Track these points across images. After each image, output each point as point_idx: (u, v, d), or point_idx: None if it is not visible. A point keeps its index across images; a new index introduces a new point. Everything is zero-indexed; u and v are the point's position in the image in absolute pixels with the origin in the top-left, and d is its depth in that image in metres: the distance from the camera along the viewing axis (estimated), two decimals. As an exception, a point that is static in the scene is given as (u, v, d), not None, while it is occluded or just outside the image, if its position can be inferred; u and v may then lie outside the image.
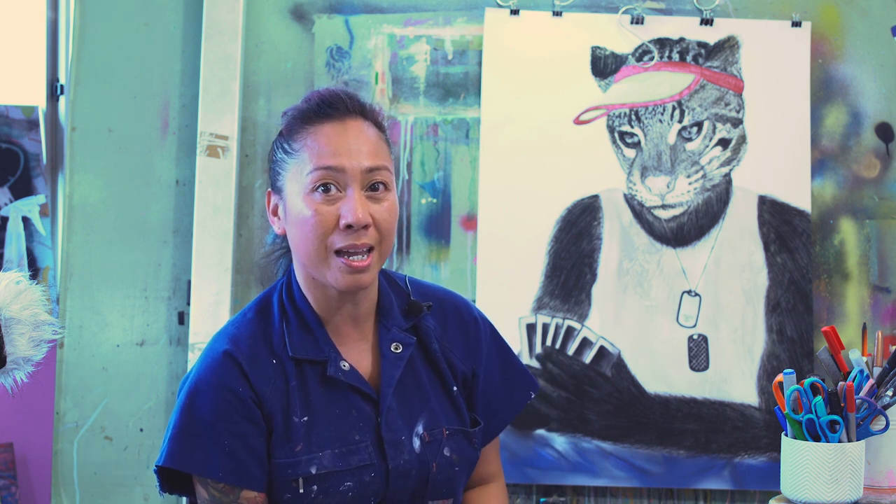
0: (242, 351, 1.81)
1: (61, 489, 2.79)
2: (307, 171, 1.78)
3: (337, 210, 1.77)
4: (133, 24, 2.84)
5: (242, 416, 1.78)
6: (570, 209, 2.80)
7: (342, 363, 1.84)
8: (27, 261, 2.94)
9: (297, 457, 1.79)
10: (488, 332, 2.00)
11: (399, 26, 2.84)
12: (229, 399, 1.78)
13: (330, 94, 1.84)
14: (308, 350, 1.83)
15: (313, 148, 1.79)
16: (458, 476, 1.90)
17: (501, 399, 1.98)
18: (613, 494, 2.80)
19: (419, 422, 1.87)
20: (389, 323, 1.89)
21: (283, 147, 1.84)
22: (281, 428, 1.80)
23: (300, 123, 1.82)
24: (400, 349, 1.88)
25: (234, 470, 1.77)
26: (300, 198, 1.79)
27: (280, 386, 1.81)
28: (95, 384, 2.81)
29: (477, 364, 1.96)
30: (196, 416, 1.78)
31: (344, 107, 1.82)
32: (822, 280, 2.83)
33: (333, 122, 1.81)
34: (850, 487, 1.92)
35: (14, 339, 1.74)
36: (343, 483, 1.80)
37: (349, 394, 1.84)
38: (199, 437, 1.77)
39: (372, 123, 1.84)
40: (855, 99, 2.84)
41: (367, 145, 1.80)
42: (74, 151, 2.83)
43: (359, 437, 1.82)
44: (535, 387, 2.03)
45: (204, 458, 1.77)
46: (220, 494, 1.79)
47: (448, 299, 1.99)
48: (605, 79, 2.82)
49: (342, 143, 1.79)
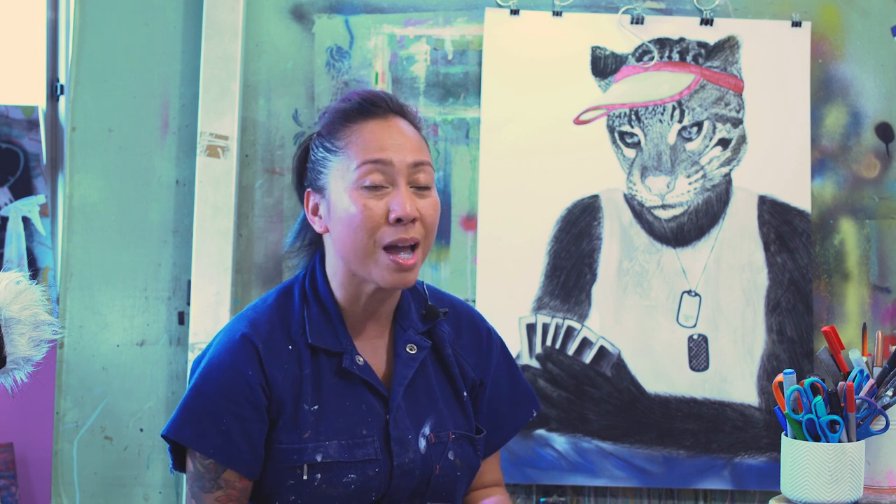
0: (260, 335, 1.83)
1: (61, 489, 2.79)
2: (354, 166, 1.80)
3: (385, 204, 1.79)
4: (133, 24, 2.84)
5: (247, 400, 1.80)
6: (570, 209, 2.80)
7: (357, 357, 1.86)
8: (27, 261, 2.94)
9: (304, 443, 1.81)
10: (499, 346, 2.03)
11: (399, 26, 2.84)
12: (238, 381, 1.80)
13: (371, 93, 1.88)
14: (326, 340, 1.85)
15: (359, 143, 1.81)
16: (459, 481, 1.91)
17: (506, 413, 2.01)
18: (613, 494, 2.80)
19: (426, 423, 1.88)
20: (406, 324, 1.92)
21: (324, 146, 1.85)
22: (290, 413, 1.82)
23: (343, 121, 1.85)
24: (414, 350, 1.90)
25: (224, 449, 1.80)
26: (346, 194, 1.80)
27: (293, 372, 1.83)
28: (95, 384, 2.81)
29: (486, 374, 1.98)
30: (204, 393, 1.81)
31: (386, 105, 1.85)
32: (822, 280, 2.83)
33: (377, 120, 1.84)
34: (850, 487, 1.92)
35: (14, 339, 1.75)
36: (347, 475, 1.81)
37: (361, 388, 1.86)
38: (202, 412, 1.81)
39: (411, 123, 1.88)
40: (855, 99, 2.84)
41: (411, 142, 1.84)
42: (74, 151, 2.83)
43: (366, 431, 1.84)
44: (537, 406, 2.06)
45: (200, 432, 1.80)
46: (204, 470, 1.82)
47: (464, 308, 2.02)
48: (605, 79, 2.82)
49: (388, 137, 1.82)
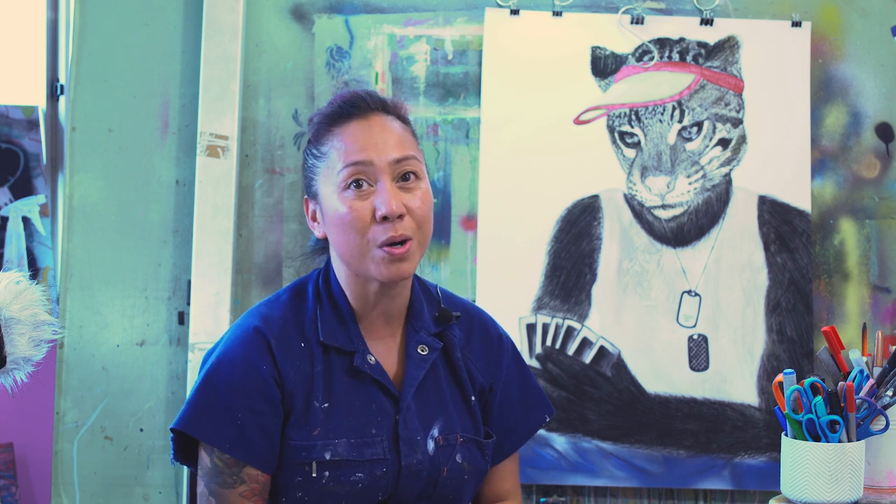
0: (273, 330, 1.84)
1: (61, 489, 2.79)
2: (337, 170, 1.82)
3: (371, 204, 1.80)
4: (133, 24, 2.84)
5: (261, 394, 1.81)
6: (570, 209, 2.81)
7: (369, 356, 1.87)
8: (27, 261, 2.94)
9: (313, 440, 1.82)
10: (510, 351, 2.03)
11: (399, 26, 2.84)
12: (252, 375, 1.81)
13: (351, 94, 1.89)
14: (338, 338, 1.86)
15: (340, 147, 1.83)
16: (466, 484, 1.91)
17: (518, 418, 2.01)
18: (613, 494, 2.80)
19: (435, 425, 1.89)
20: (418, 325, 1.92)
21: (312, 153, 1.88)
22: (301, 410, 1.83)
23: (326, 127, 1.87)
24: (426, 352, 1.90)
25: (242, 444, 1.80)
26: (335, 198, 1.82)
27: (305, 369, 1.84)
28: (95, 384, 2.81)
29: (496, 379, 1.98)
30: (216, 386, 1.81)
31: (365, 105, 1.86)
32: (822, 280, 2.83)
33: (358, 121, 1.85)
34: (850, 487, 1.92)
35: (14, 339, 1.75)
36: (354, 473, 1.82)
37: (371, 387, 1.86)
38: (215, 406, 1.80)
39: (395, 117, 1.88)
40: (855, 99, 2.84)
41: (393, 138, 1.84)
42: (74, 151, 2.83)
43: (375, 430, 1.84)
44: (550, 410, 2.05)
45: (215, 427, 1.80)
46: (223, 465, 1.81)
47: (476, 313, 2.02)
48: (605, 79, 2.82)
49: (367, 138, 1.83)
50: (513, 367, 2.01)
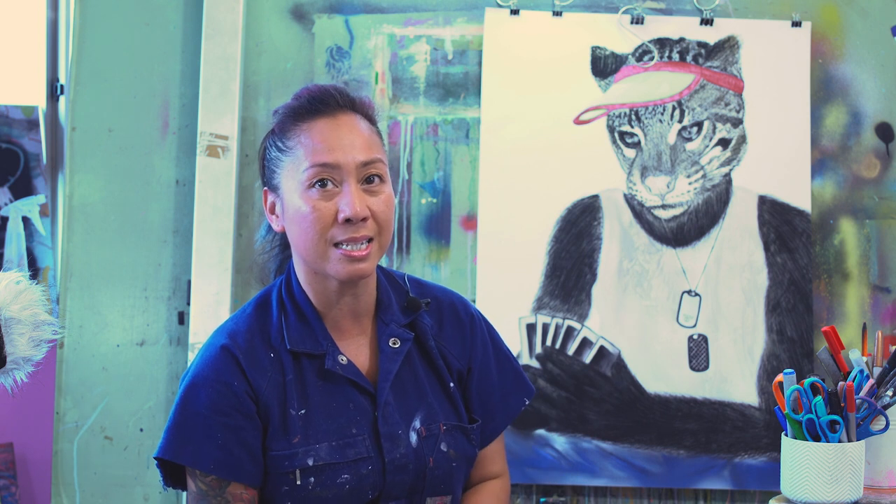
0: (240, 345, 1.83)
1: (61, 489, 2.79)
2: (303, 168, 1.81)
3: (335, 205, 1.80)
4: (133, 24, 2.84)
5: (237, 410, 1.80)
6: (570, 209, 2.81)
7: (340, 357, 1.86)
8: (27, 261, 2.95)
9: (294, 448, 1.81)
10: (484, 330, 2.01)
11: (399, 26, 2.84)
12: (225, 393, 1.80)
13: (320, 90, 1.86)
14: (306, 343, 1.85)
15: (307, 145, 1.81)
16: (455, 472, 1.91)
17: (497, 400, 1.99)
18: (613, 494, 2.80)
19: (416, 417, 1.88)
20: (388, 318, 1.91)
21: (276, 145, 1.86)
22: (278, 420, 1.82)
23: (292, 121, 1.85)
24: (398, 344, 1.89)
25: (225, 463, 1.79)
26: (297, 195, 1.81)
27: (277, 379, 1.83)
28: (95, 384, 2.81)
29: (472, 361, 1.97)
30: (191, 410, 1.80)
31: (335, 102, 1.85)
32: (822, 280, 2.83)
33: (326, 118, 1.83)
34: (850, 487, 1.92)
35: (14, 339, 1.75)
36: (340, 475, 1.81)
37: (347, 387, 1.86)
38: (192, 429, 1.80)
39: (363, 117, 1.87)
40: (855, 99, 2.84)
41: (360, 139, 1.83)
42: (74, 151, 2.83)
43: (356, 430, 1.84)
44: (530, 392, 2.04)
45: (196, 450, 1.79)
46: (207, 488, 1.81)
47: (445, 298, 2.00)
48: (605, 79, 2.82)
49: (335, 138, 1.81)
50: (489, 347, 2.00)
